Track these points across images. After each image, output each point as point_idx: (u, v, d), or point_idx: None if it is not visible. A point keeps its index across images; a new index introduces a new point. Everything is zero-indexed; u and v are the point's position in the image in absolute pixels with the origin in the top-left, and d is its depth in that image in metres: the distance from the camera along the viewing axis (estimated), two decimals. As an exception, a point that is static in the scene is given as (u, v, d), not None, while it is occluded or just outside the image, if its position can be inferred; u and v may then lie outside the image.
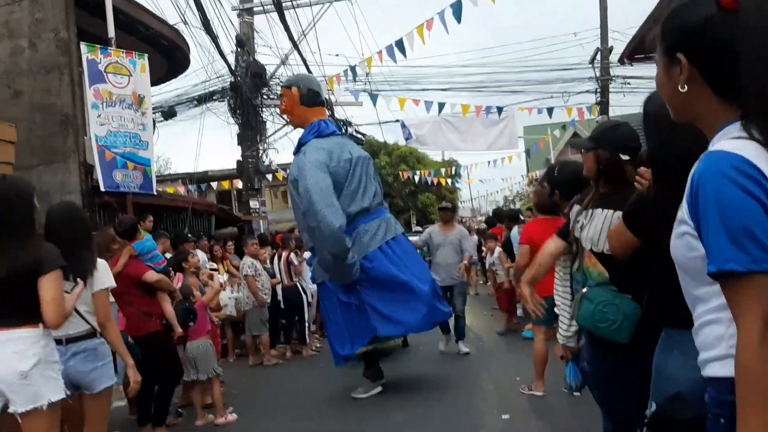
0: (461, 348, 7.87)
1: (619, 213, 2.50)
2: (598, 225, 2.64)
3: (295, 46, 12.66)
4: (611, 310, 2.47)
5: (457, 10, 8.45)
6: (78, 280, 3.28)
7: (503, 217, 12.08)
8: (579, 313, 2.62)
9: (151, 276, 4.99)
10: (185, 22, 10.32)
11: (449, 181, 27.60)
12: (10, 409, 2.83)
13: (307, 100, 6.29)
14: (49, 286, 2.86)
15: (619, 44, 15.06)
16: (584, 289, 2.65)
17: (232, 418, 5.45)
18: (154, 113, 11.18)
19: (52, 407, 2.89)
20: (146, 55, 9.36)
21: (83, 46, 8.58)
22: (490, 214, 17.20)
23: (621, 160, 2.60)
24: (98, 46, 8.65)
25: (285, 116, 7.33)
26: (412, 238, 8.89)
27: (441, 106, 14.02)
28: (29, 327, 2.88)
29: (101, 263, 3.53)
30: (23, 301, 2.86)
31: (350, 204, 5.92)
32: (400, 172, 27.36)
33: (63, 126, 8.75)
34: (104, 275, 3.49)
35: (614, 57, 14.94)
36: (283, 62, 14.12)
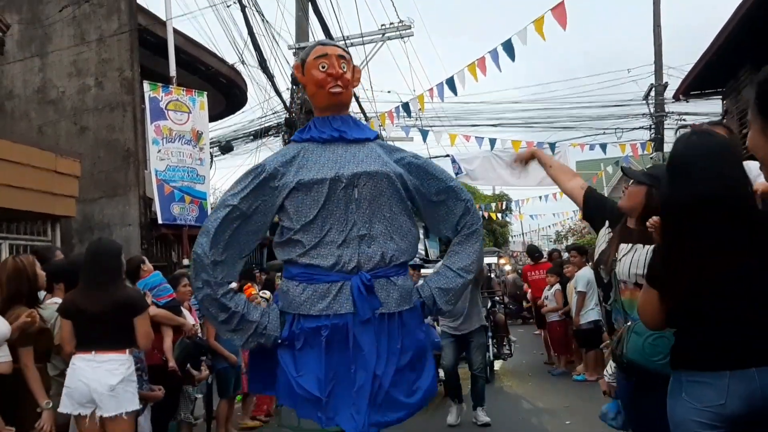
0: (479, 417, 6.21)
1: None
2: (641, 259, 2.62)
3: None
4: (662, 343, 2.40)
5: (509, 49, 8.47)
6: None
7: (537, 252, 11.86)
8: (628, 347, 2.56)
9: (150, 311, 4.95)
10: (243, 62, 10.69)
11: (500, 215, 27.38)
12: (98, 414, 3.52)
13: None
14: (142, 323, 3.76)
15: (674, 80, 14.85)
16: (628, 323, 2.61)
17: None
18: (211, 147, 11.52)
19: (130, 415, 3.63)
20: (205, 93, 9.70)
21: (146, 85, 8.95)
22: (547, 249, 16.93)
23: None
24: (160, 84, 9.01)
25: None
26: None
27: (492, 141, 14.00)
28: (118, 352, 3.65)
29: None
30: (115, 331, 3.64)
31: None
32: (450, 206, 27.24)
33: (125, 161, 9.12)
34: None
35: (669, 93, 14.72)
36: (336, 99, 14.37)
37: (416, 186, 2.80)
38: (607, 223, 2.95)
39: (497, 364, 9.47)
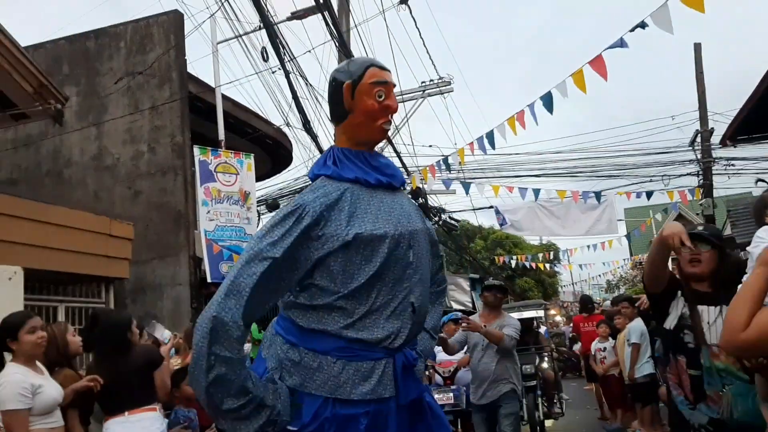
0: None
1: None
2: None
3: (389, 141, 13.14)
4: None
5: (548, 102, 8.52)
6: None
7: (590, 303, 11.58)
8: (741, 411, 2.58)
9: None
10: (288, 124, 10.99)
11: (547, 265, 27.03)
12: None
13: None
14: (161, 374, 4.09)
15: (719, 125, 14.65)
16: (725, 388, 2.64)
17: None
18: (258, 206, 11.78)
19: None
20: (252, 155, 10.00)
21: (196, 149, 9.29)
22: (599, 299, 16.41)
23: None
24: (209, 148, 9.34)
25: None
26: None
27: (536, 192, 13.95)
28: (151, 409, 3.84)
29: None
30: (143, 390, 3.85)
31: None
32: (496, 257, 27.12)
33: (176, 223, 9.42)
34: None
35: (715, 138, 14.51)
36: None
37: None
38: (679, 293, 2.95)
39: (548, 423, 9.20)
